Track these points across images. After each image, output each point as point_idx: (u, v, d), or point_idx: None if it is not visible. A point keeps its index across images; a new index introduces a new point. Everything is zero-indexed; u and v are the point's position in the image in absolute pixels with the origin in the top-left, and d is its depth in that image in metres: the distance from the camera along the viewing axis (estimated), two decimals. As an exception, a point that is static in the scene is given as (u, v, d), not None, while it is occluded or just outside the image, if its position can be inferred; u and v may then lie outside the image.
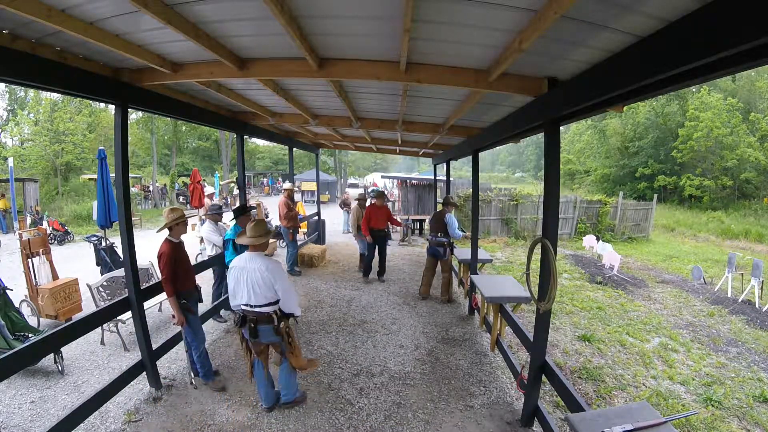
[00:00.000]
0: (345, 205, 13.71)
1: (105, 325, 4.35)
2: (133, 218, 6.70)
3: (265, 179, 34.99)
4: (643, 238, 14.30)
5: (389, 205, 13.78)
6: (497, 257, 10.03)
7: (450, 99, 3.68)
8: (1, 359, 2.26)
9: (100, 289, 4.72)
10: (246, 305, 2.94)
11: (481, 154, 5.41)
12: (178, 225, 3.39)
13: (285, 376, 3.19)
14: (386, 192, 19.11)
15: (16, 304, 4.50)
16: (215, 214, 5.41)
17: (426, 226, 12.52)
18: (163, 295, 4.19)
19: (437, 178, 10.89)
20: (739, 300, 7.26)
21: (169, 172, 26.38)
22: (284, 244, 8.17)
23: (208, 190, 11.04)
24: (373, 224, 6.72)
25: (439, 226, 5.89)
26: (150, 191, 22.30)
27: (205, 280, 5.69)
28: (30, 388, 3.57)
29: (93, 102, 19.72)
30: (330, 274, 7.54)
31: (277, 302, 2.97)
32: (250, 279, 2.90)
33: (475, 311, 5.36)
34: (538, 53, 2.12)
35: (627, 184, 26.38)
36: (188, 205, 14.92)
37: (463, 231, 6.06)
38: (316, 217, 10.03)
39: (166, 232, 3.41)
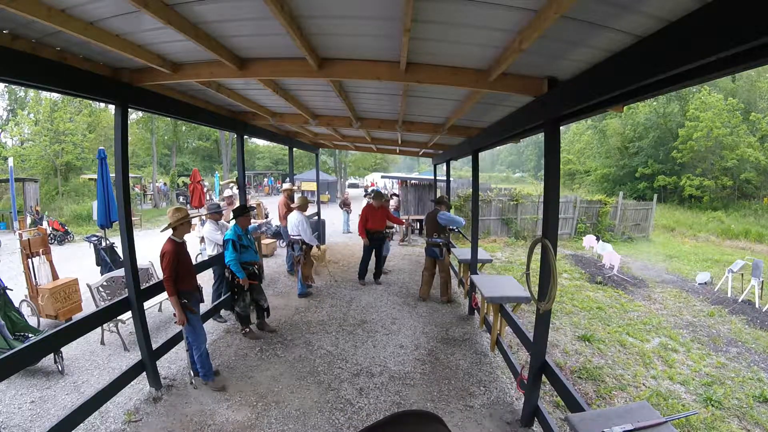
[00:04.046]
0: (345, 205, 13.71)
1: (105, 325, 4.35)
2: (133, 218, 6.70)
3: (265, 179, 35.00)
4: (643, 238, 14.30)
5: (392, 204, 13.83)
6: (497, 257, 10.04)
7: (450, 99, 3.68)
8: (1, 359, 2.26)
9: (100, 289, 4.71)
10: (294, 235, 5.87)
11: (481, 154, 5.41)
12: (182, 225, 3.40)
13: (299, 279, 6.08)
14: (386, 192, 19.11)
15: (16, 304, 4.50)
16: (215, 213, 5.41)
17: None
18: (163, 295, 4.20)
19: (437, 178, 10.88)
20: (739, 300, 7.26)
21: (170, 172, 26.38)
22: (284, 244, 8.17)
23: (227, 192, 10.13)
24: (371, 225, 6.66)
25: (433, 227, 5.86)
26: (145, 191, 22.36)
27: (205, 280, 5.70)
28: (30, 388, 3.57)
29: (93, 102, 19.72)
30: (330, 274, 7.53)
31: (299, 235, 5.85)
32: (292, 222, 5.87)
33: (475, 311, 5.36)
34: (538, 53, 2.12)
35: (627, 184, 26.37)
36: (188, 205, 14.93)
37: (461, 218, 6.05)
38: (316, 217, 10.02)
39: (169, 232, 3.41)
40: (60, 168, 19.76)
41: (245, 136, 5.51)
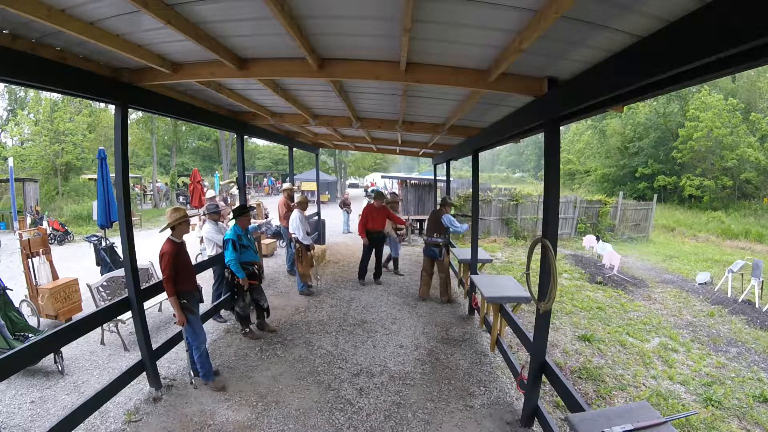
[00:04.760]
0: (345, 205, 13.71)
1: (105, 325, 4.35)
2: (133, 218, 6.71)
3: (265, 179, 34.99)
4: (643, 238, 14.29)
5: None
6: (497, 257, 10.03)
7: (450, 99, 3.68)
8: (1, 359, 2.26)
9: (100, 289, 4.71)
10: (293, 233, 5.98)
11: (481, 154, 5.41)
12: (180, 225, 3.39)
13: (297, 276, 6.30)
14: (386, 192, 19.09)
15: (16, 304, 4.50)
16: (214, 213, 5.41)
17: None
18: (163, 295, 4.20)
19: (437, 178, 10.88)
20: (739, 300, 7.26)
21: (170, 172, 26.40)
22: (284, 244, 8.18)
23: (210, 193, 10.60)
24: (371, 225, 6.67)
25: (436, 227, 5.87)
26: (145, 191, 22.38)
27: (205, 280, 5.69)
28: (30, 388, 3.57)
29: (93, 102, 19.72)
30: (330, 274, 7.54)
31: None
32: (291, 220, 6.04)
33: (475, 311, 5.36)
34: (538, 53, 2.12)
35: (627, 184, 26.36)
36: (188, 205, 14.94)
37: (463, 222, 6.15)
38: (316, 217, 10.03)
39: (168, 232, 3.41)
40: (60, 168, 19.75)
41: (245, 136, 5.51)
